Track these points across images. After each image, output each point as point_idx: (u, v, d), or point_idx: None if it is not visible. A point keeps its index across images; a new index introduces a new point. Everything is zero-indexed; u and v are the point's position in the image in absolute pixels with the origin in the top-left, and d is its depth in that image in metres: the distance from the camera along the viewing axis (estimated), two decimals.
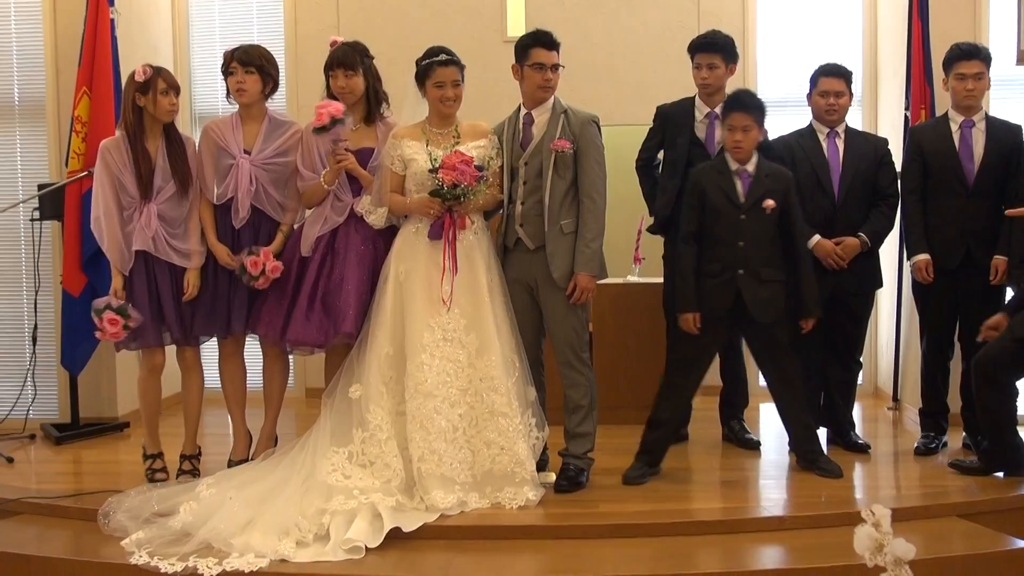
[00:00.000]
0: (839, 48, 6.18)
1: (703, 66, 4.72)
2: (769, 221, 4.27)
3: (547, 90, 4.21)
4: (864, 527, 1.96)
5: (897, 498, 4.09)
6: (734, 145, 4.26)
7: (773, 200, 4.24)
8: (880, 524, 1.93)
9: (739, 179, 4.29)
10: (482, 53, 5.70)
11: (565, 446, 4.29)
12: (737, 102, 4.30)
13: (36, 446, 5.29)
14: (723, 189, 4.28)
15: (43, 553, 3.69)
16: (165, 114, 4.28)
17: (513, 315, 4.20)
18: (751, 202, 4.27)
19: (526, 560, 3.61)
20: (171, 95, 4.26)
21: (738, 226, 4.27)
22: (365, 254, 4.28)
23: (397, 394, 4.12)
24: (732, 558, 3.56)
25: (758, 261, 4.26)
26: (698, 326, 4.28)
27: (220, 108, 5.82)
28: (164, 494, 4.01)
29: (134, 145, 4.26)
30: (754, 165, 4.30)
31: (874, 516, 1.95)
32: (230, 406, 4.57)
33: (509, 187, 4.26)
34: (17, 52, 5.73)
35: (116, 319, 4.20)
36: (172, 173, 4.28)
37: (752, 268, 4.25)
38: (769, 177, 4.30)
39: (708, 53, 4.72)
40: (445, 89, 4.14)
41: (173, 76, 4.32)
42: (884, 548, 1.96)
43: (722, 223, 4.28)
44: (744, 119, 4.24)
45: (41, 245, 5.46)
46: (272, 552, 3.54)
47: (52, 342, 5.62)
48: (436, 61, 4.13)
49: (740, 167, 4.29)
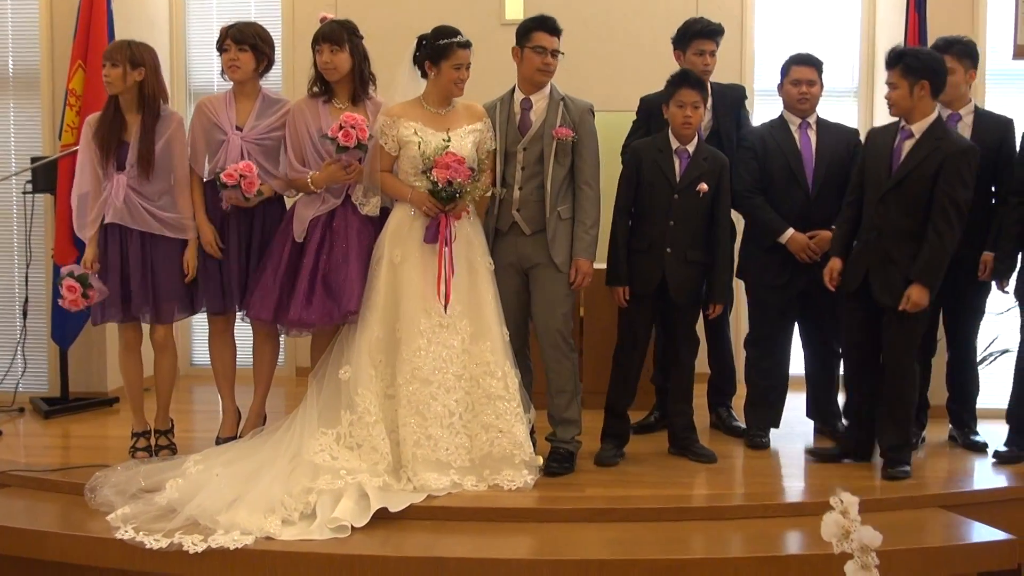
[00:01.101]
0: (837, 40, 6.19)
1: (706, 52, 4.71)
2: (701, 204, 4.30)
3: (545, 74, 4.22)
4: (832, 514, 1.99)
5: (881, 488, 4.11)
6: (684, 121, 4.26)
7: (707, 185, 4.28)
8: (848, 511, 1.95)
9: (678, 158, 4.32)
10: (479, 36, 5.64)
11: (552, 431, 4.31)
12: (686, 79, 4.30)
13: (25, 419, 5.29)
14: (660, 166, 4.31)
15: (31, 526, 3.71)
16: (106, 86, 4.27)
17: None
18: (686, 183, 4.30)
19: (512, 541, 3.63)
20: (105, 66, 4.23)
21: (670, 205, 4.29)
22: (365, 232, 4.27)
23: (386, 377, 4.13)
24: (716, 544, 3.59)
25: (685, 242, 4.30)
26: (626, 299, 4.32)
27: (216, 84, 5.80)
28: (151, 470, 4.02)
29: (103, 116, 4.28)
30: (694, 146, 4.33)
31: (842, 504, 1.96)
32: (219, 383, 4.57)
33: (503, 170, 4.25)
34: (12, 24, 5.71)
35: (74, 286, 4.19)
36: (137, 148, 4.25)
37: (679, 249, 4.29)
38: (707, 160, 4.33)
39: (709, 39, 4.72)
40: (462, 71, 4.14)
41: (113, 48, 4.26)
42: (851, 535, 1.98)
43: (655, 200, 4.31)
44: (693, 95, 4.26)
45: (33, 218, 5.45)
46: (258, 530, 3.55)
47: (43, 316, 5.61)
48: (457, 42, 4.12)
49: (681, 146, 4.32)
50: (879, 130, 4.37)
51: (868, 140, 4.36)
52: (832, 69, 6.16)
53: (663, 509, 3.84)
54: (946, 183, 4.03)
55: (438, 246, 4.07)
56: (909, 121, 4.16)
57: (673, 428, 4.53)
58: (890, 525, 3.66)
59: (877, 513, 3.82)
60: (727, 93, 4.84)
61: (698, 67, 4.68)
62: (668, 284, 4.30)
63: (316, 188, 4.24)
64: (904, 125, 4.18)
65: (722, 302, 4.44)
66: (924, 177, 4.06)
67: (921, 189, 4.07)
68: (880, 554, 3.34)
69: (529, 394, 4.28)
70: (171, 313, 4.39)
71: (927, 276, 4.05)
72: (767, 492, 4.05)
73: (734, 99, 4.85)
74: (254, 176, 4.21)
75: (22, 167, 5.48)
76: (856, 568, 1.99)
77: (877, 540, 1.96)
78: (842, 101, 6.16)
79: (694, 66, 4.69)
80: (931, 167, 4.06)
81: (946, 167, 4.04)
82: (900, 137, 4.18)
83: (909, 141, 4.15)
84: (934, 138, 4.10)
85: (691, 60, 4.74)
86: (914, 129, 4.14)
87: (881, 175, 4.17)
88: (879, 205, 4.15)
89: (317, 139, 4.26)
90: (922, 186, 4.07)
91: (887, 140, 4.22)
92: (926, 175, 4.06)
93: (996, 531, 3.66)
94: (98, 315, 4.37)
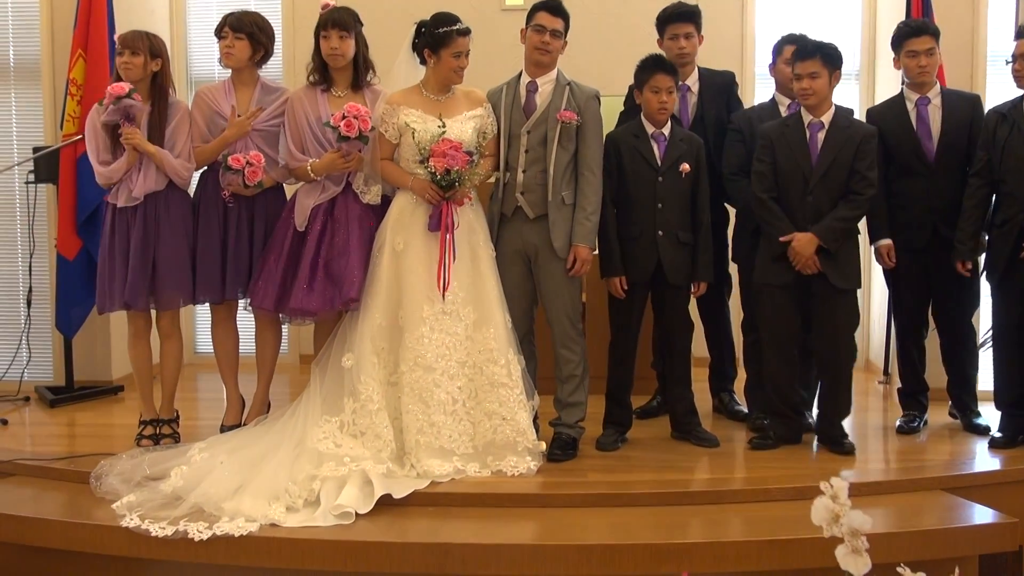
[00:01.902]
0: (838, 22, 6.17)
1: (680, 36, 4.65)
2: (685, 184, 4.33)
3: (543, 53, 4.21)
4: (822, 498, 1.99)
5: (884, 471, 4.13)
6: (660, 107, 4.27)
7: (688, 164, 4.29)
8: (837, 496, 1.96)
9: (655, 142, 4.33)
10: (480, 21, 5.64)
11: (557, 415, 4.32)
12: (659, 64, 4.31)
13: (31, 408, 5.32)
14: (640, 152, 4.32)
15: (37, 515, 3.73)
16: (122, 72, 4.27)
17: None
18: (667, 165, 4.31)
19: (516, 527, 3.65)
20: (125, 54, 4.24)
21: (655, 189, 4.31)
22: (366, 220, 4.28)
23: (389, 365, 4.14)
24: (718, 528, 3.60)
25: (675, 223, 4.32)
26: (624, 288, 4.32)
27: (216, 73, 5.79)
28: (156, 458, 4.04)
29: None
30: (668, 129, 4.34)
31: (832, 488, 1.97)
32: (223, 371, 4.58)
33: (507, 154, 4.25)
34: (12, 14, 5.71)
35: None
36: (148, 136, 4.26)
37: (670, 230, 4.31)
38: (683, 141, 4.36)
39: (684, 23, 4.66)
40: (461, 59, 4.14)
41: (132, 37, 4.27)
42: (841, 519, 1.99)
43: (640, 186, 4.32)
44: (668, 80, 4.27)
45: (36, 208, 5.47)
46: (262, 517, 3.57)
47: (47, 305, 5.63)
48: (457, 30, 4.12)
49: (656, 131, 4.33)
50: (777, 126, 4.39)
51: (767, 138, 4.36)
52: None
53: (665, 494, 3.86)
54: (861, 163, 4.21)
55: (440, 233, 4.08)
56: (818, 113, 4.26)
57: (674, 413, 4.54)
58: (892, 508, 3.74)
59: (879, 496, 3.87)
60: (715, 79, 4.78)
61: (673, 51, 4.64)
62: (664, 267, 4.31)
63: (316, 176, 4.25)
64: (812, 119, 4.27)
65: (706, 280, 4.42)
66: (843, 163, 4.20)
67: (843, 175, 4.22)
68: (881, 536, 3.39)
69: (533, 381, 4.29)
70: (174, 301, 4.41)
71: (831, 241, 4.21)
72: (769, 476, 4.06)
73: (722, 85, 4.79)
74: (260, 166, 4.24)
75: (24, 157, 5.49)
76: (846, 552, 1.99)
77: (867, 524, 1.96)
78: (846, 83, 6.13)
79: (669, 50, 4.64)
80: (848, 153, 4.20)
81: (860, 149, 4.22)
82: (811, 130, 4.26)
83: (821, 132, 4.24)
84: (842, 126, 4.25)
85: (667, 45, 4.69)
86: (824, 120, 4.25)
87: (803, 169, 4.24)
88: (808, 197, 4.24)
89: (317, 127, 4.26)
90: (843, 172, 4.21)
91: (798, 134, 4.28)
92: (844, 161, 4.20)
93: (997, 513, 3.68)
94: (103, 304, 4.38)
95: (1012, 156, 4.25)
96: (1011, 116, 4.29)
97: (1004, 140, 4.27)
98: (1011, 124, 4.27)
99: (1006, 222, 4.29)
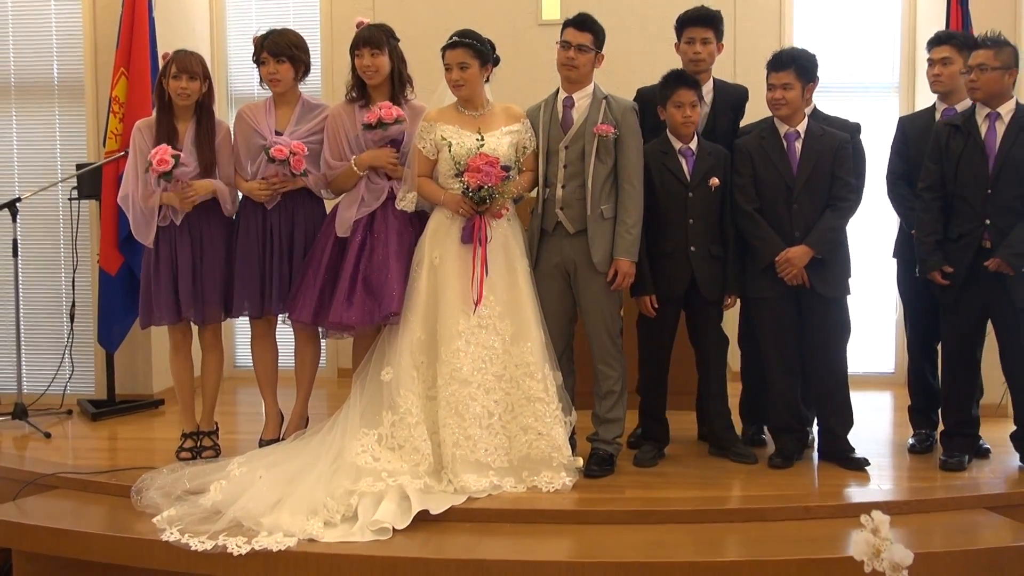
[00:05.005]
0: (877, 34, 6.12)
1: (696, 40, 4.53)
2: (715, 198, 4.31)
3: (568, 68, 4.20)
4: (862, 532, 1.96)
5: (925, 489, 4.07)
6: (684, 120, 4.26)
7: (716, 178, 4.28)
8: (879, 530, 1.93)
9: (683, 157, 4.31)
10: (516, 36, 5.69)
11: (595, 431, 4.31)
12: (681, 79, 4.29)
13: (73, 422, 5.38)
14: (669, 168, 4.31)
15: (78, 528, 3.77)
16: (176, 97, 4.32)
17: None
18: (697, 180, 4.30)
19: (553, 543, 3.64)
20: (183, 79, 4.29)
21: (686, 204, 4.29)
22: (405, 234, 4.30)
23: (428, 379, 4.15)
24: (757, 546, 3.56)
25: (707, 238, 4.31)
26: (655, 307, 4.30)
27: (256, 92, 5.84)
28: (196, 472, 4.07)
29: (160, 125, 4.33)
30: (696, 143, 4.32)
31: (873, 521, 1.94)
32: (261, 386, 4.62)
33: (546, 170, 4.25)
34: (56, 32, 5.80)
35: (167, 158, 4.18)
36: (197, 156, 4.33)
37: (702, 246, 4.30)
38: (711, 154, 4.34)
39: (702, 27, 4.55)
40: (452, 72, 4.15)
41: (190, 61, 4.32)
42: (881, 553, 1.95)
43: (670, 202, 4.30)
44: (691, 95, 4.26)
45: (79, 224, 5.55)
46: (300, 532, 3.59)
47: (89, 320, 5.71)
48: (444, 45, 4.15)
49: (684, 146, 4.31)
50: (753, 139, 4.37)
51: (744, 150, 4.34)
52: (873, 64, 6.14)
53: (703, 511, 3.83)
54: (841, 169, 4.25)
55: (472, 245, 4.09)
56: (792, 123, 4.27)
57: (713, 429, 4.50)
58: (934, 526, 3.69)
59: (921, 514, 3.81)
60: (730, 92, 4.68)
61: (688, 55, 4.56)
62: (698, 282, 4.29)
63: (360, 170, 4.29)
64: (789, 129, 4.28)
65: (737, 293, 4.40)
66: (824, 170, 4.23)
67: (825, 182, 4.25)
68: (924, 556, 3.33)
69: (571, 397, 4.28)
70: (217, 315, 4.47)
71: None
72: (808, 493, 4.02)
73: (736, 99, 4.68)
74: (303, 155, 4.28)
75: (68, 174, 5.57)
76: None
77: (908, 559, 1.94)
78: (885, 96, 6.09)
79: (684, 54, 4.57)
80: (827, 160, 4.23)
81: (838, 156, 4.25)
82: (788, 140, 4.28)
83: (798, 142, 4.26)
84: (817, 134, 4.27)
85: (683, 48, 4.59)
86: (799, 129, 4.27)
87: (785, 179, 4.25)
88: (793, 205, 4.25)
89: (355, 142, 4.32)
90: (825, 179, 4.25)
91: (775, 145, 4.28)
92: (824, 168, 4.23)
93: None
94: (147, 318, 4.44)
95: (968, 169, 4.16)
96: (965, 128, 4.19)
97: (958, 153, 4.18)
98: (966, 136, 4.18)
99: (962, 236, 4.18)
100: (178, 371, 4.56)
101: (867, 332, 4.88)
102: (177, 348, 4.54)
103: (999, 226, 4.11)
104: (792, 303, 4.31)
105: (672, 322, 4.42)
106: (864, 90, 6.10)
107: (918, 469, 4.39)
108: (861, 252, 4.99)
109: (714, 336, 4.44)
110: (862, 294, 4.95)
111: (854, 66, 6.12)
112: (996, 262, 4.08)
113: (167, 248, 4.37)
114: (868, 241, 4.96)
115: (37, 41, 5.81)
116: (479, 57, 4.15)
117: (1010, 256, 4.06)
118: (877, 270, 4.71)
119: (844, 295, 4.33)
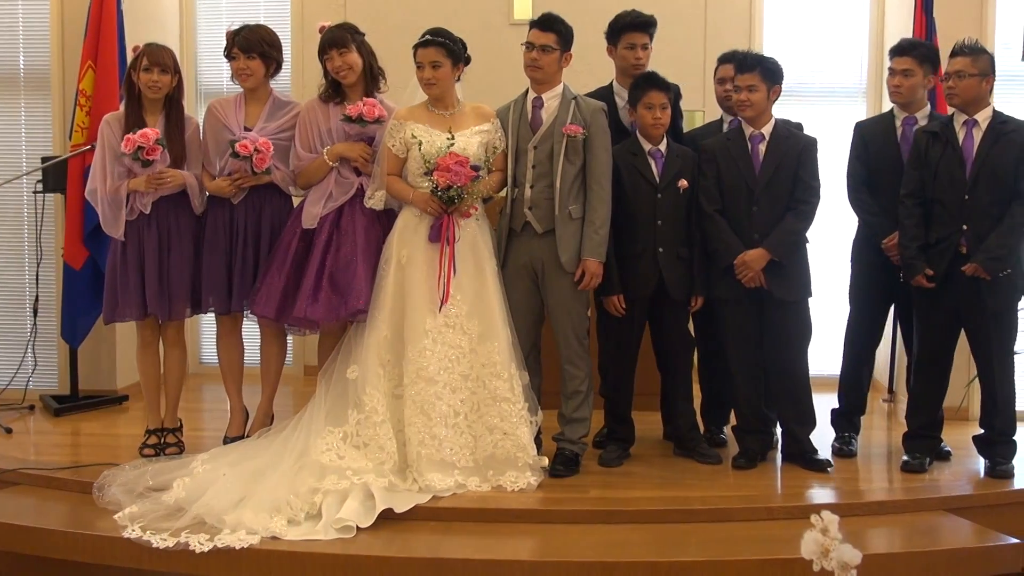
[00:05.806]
0: (845, 39, 6.18)
1: (638, 46, 4.54)
2: (683, 200, 4.34)
3: (532, 69, 4.22)
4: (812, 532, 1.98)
5: (886, 491, 4.11)
6: (654, 122, 4.28)
7: (685, 180, 4.31)
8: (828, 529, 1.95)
9: (652, 159, 4.34)
10: (487, 36, 5.68)
11: (560, 431, 4.32)
12: (652, 80, 4.31)
13: (35, 417, 5.33)
14: (638, 169, 4.33)
15: (39, 524, 3.74)
16: (147, 90, 4.29)
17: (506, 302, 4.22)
18: (666, 182, 4.32)
19: (517, 543, 3.65)
20: (154, 72, 4.26)
21: (655, 205, 4.32)
22: (373, 231, 4.30)
23: (394, 377, 4.14)
24: (720, 546, 3.58)
25: (675, 239, 4.33)
26: (623, 307, 4.32)
27: (225, 86, 5.82)
28: (158, 469, 4.05)
29: (129, 118, 4.30)
30: (664, 145, 4.35)
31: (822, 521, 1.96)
32: (227, 383, 4.60)
33: (515, 169, 4.26)
34: (23, 24, 5.73)
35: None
36: (167, 150, 4.28)
37: (670, 247, 4.32)
38: (679, 157, 4.37)
39: (641, 32, 4.56)
40: (424, 70, 4.15)
41: (161, 54, 4.30)
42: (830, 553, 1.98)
43: (639, 203, 4.33)
44: (661, 96, 4.28)
45: (44, 218, 5.49)
46: (263, 529, 3.57)
47: (53, 314, 5.65)
48: (416, 43, 4.15)
49: (653, 147, 4.34)
50: (719, 140, 4.44)
51: (710, 152, 4.38)
52: (841, 68, 6.20)
53: (666, 511, 3.85)
54: (805, 171, 4.28)
55: (440, 244, 4.09)
56: (757, 125, 4.31)
57: (678, 430, 4.53)
58: (896, 528, 3.73)
59: (882, 516, 3.85)
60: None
61: (629, 61, 4.55)
62: (666, 283, 4.31)
63: (331, 160, 4.28)
64: (754, 132, 4.31)
65: (704, 294, 4.41)
66: (787, 174, 4.26)
67: (787, 185, 4.28)
68: (886, 557, 3.38)
69: (538, 397, 4.28)
70: (183, 311, 4.44)
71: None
72: (770, 495, 4.06)
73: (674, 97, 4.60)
74: (268, 154, 4.26)
75: (33, 167, 5.51)
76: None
77: (857, 558, 1.96)
78: (852, 102, 6.14)
79: (624, 60, 4.57)
80: (791, 163, 4.26)
81: (802, 158, 4.29)
82: (752, 142, 4.31)
83: (763, 144, 4.30)
84: (783, 136, 4.30)
85: (622, 54, 4.58)
86: (764, 132, 4.31)
87: (747, 180, 4.28)
88: (753, 208, 4.28)
89: (326, 136, 4.31)
90: (787, 182, 4.28)
91: (739, 147, 4.32)
92: (788, 171, 4.26)
93: (1002, 535, 3.66)
94: (111, 314, 4.41)
95: (946, 176, 4.21)
96: (943, 135, 4.25)
97: (937, 160, 4.24)
98: (944, 143, 4.23)
99: (941, 241, 4.23)
100: (146, 368, 4.53)
101: (833, 335, 4.90)
102: (146, 344, 4.50)
103: (976, 231, 4.16)
104: (754, 305, 4.34)
105: (640, 322, 4.43)
106: (831, 94, 6.16)
107: (880, 471, 4.44)
108: (830, 255, 5.06)
109: (680, 337, 4.47)
110: (828, 297, 5.00)
111: (822, 71, 6.18)
112: (973, 267, 4.13)
113: (134, 243, 4.33)
114: (837, 244, 4.99)
115: (3, 32, 5.74)
116: (451, 56, 4.15)
117: (986, 261, 4.11)
118: (845, 273, 4.72)
119: (804, 299, 4.36)
